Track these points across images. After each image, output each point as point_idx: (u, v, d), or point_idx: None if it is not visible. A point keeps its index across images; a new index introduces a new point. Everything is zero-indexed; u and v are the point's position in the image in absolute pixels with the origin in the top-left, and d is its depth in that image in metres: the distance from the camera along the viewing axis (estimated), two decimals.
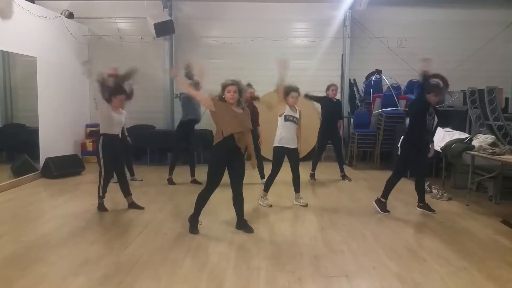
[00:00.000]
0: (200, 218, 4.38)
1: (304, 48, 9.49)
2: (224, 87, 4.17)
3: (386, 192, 5.22)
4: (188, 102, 6.51)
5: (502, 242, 4.18)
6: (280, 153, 5.35)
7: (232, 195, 4.40)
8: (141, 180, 6.99)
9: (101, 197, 5.18)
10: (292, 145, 5.34)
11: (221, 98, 4.19)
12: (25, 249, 3.88)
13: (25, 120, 7.79)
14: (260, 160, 6.79)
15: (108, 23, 9.22)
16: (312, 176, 7.18)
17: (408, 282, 3.23)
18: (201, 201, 4.35)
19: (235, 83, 4.17)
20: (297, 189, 5.54)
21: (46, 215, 5.18)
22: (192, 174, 6.83)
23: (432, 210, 5.19)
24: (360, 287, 3.20)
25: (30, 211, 5.27)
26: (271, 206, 5.39)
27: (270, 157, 5.59)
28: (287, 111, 5.32)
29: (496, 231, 4.51)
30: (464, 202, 5.59)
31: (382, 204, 5.21)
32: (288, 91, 5.32)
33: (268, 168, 5.63)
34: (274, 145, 5.38)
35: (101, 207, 5.17)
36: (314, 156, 7.36)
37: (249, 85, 6.16)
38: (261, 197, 5.52)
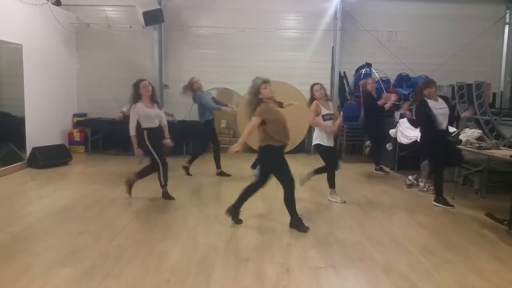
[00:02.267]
0: (188, 210, 4.36)
1: (295, 40, 9.46)
2: (257, 88, 4.07)
3: (438, 191, 5.27)
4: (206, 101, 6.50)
5: (487, 235, 4.25)
6: (327, 151, 5.26)
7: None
8: None
9: (164, 186, 5.26)
10: (332, 143, 5.31)
11: (259, 100, 4.09)
12: (11, 239, 3.84)
13: (11, 108, 7.62)
14: None
15: (96, 11, 9.06)
16: (381, 169, 7.24)
17: (394, 274, 3.26)
18: (292, 200, 4.26)
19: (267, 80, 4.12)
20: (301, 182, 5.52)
21: (33, 205, 5.12)
22: (190, 163, 6.78)
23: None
24: (347, 279, 3.23)
25: (16, 201, 5.20)
26: (344, 202, 5.30)
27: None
28: (323, 110, 5.17)
29: (481, 224, 4.58)
30: (451, 195, 5.65)
31: (442, 201, 5.23)
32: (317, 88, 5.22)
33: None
34: (316, 143, 5.28)
35: (166, 196, 5.26)
36: (374, 151, 7.43)
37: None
38: (330, 195, 5.44)
